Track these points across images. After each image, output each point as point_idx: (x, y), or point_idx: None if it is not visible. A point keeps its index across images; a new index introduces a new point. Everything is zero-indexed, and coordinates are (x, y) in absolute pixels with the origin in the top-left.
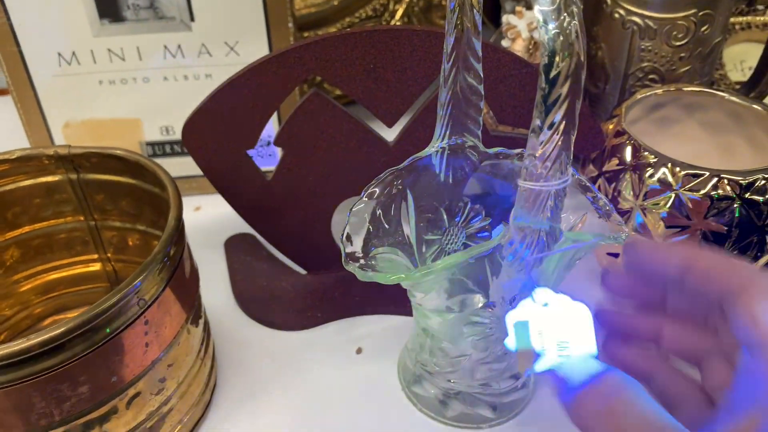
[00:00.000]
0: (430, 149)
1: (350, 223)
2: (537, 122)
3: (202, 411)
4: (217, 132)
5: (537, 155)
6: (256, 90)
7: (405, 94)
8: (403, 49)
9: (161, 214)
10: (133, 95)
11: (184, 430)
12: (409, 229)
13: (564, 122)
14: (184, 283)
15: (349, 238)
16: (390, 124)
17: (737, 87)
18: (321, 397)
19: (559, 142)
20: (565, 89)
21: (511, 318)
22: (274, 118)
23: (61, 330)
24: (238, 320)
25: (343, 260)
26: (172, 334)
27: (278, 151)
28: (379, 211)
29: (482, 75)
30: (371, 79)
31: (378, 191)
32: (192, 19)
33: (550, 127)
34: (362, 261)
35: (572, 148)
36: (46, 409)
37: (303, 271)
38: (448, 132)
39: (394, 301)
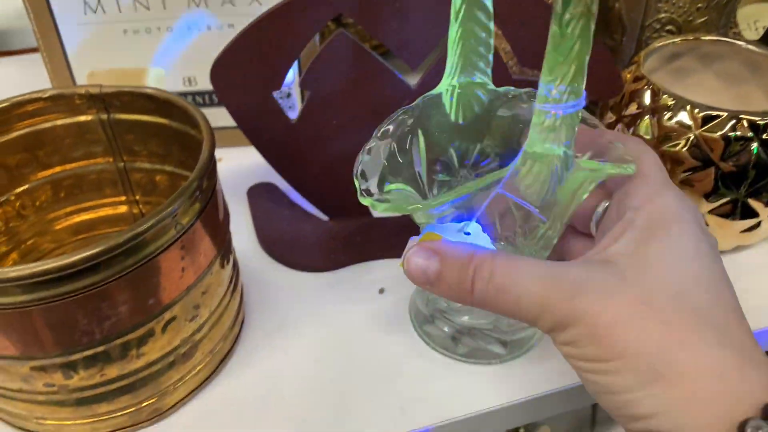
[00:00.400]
0: (440, 87)
1: (363, 161)
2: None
3: (231, 344)
4: (244, 72)
5: (551, 77)
6: (284, 30)
7: (429, 36)
8: None
9: (190, 153)
10: (156, 45)
11: (214, 360)
12: (420, 168)
13: (579, 42)
14: (216, 216)
15: (363, 174)
16: (413, 66)
17: None
18: (344, 334)
19: (573, 65)
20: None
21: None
22: (293, 67)
23: (103, 247)
24: (264, 263)
25: (358, 195)
26: (207, 262)
27: (297, 103)
28: (393, 146)
29: (492, 12)
30: (396, 20)
31: (391, 129)
32: None
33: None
34: (377, 195)
35: (586, 70)
36: (89, 327)
37: (325, 218)
38: (458, 70)
39: None
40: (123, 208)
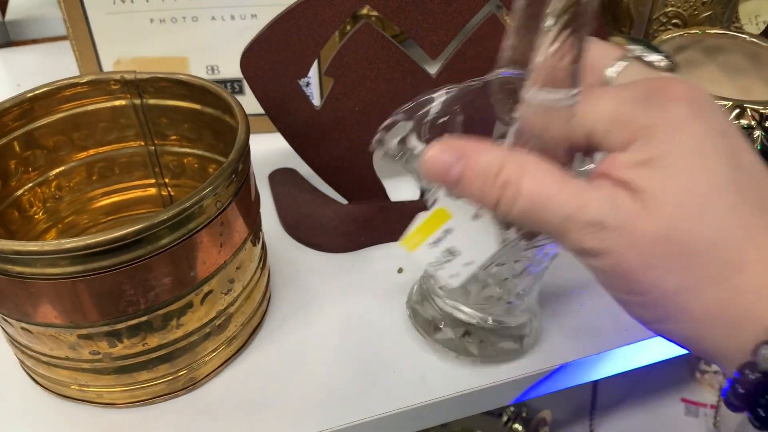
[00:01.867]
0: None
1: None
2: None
3: (260, 318)
4: (273, 60)
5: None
6: (312, 20)
7: (449, 26)
8: None
9: (220, 138)
10: (181, 34)
11: (245, 332)
12: None
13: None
14: (249, 197)
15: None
16: (434, 56)
17: None
18: (365, 310)
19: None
20: None
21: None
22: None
23: (152, 222)
24: (287, 244)
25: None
26: (240, 239)
27: (315, 91)
28: (429, 120)
29: None
30: (419, 10)
31: (434, 107)
32: None
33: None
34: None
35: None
36: (134, 297)
37: (345, 201)
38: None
39: None
40: (152, 191)
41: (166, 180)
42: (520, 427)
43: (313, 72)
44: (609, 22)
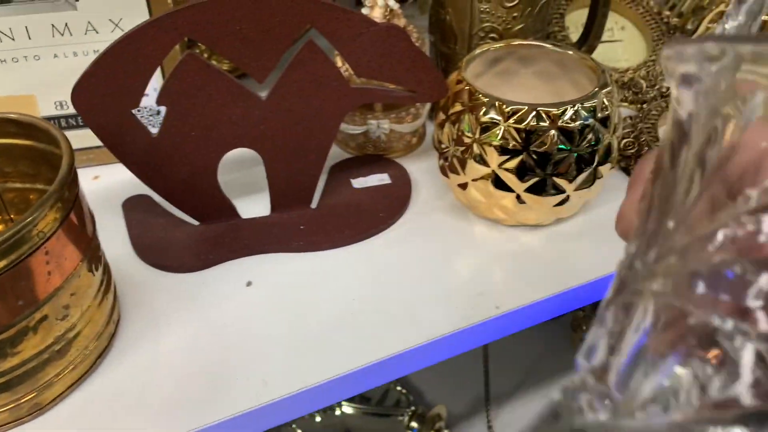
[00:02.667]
0: None
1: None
2: None
3: (108, 341)
4: (103, 94)
5: None
6: (136, 54)
7: (270, 53)
8: (264, 12)
9: (57, 171)
10: (26, 72)
11: (91, 356)
12: None
13: None
14: (79, 224)
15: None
16: (260, 81)
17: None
18: (215, 324)
19: None
20: None
21: None
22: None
23: None
24: (139, 267)
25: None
26: (73, 266)
27: None
28: None
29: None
30: (239, 39)
31: None
32: None
33: None
34: None
35: None
36: None
37: (196, 222)
38: None
39: (278, 240)
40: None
41: (12, 216)
42: (416, 425)
43: None
44: (438, 39)
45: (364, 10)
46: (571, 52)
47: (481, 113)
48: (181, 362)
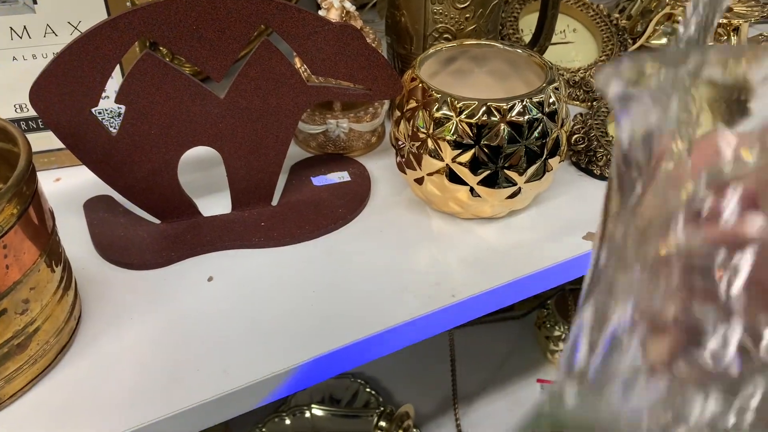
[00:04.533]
0: None
1: None
2: None
3: (69, 336)
4: (61, 93)
5: None
6: (93, 53)
7: (226, 52)
8: (220, 12)
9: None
10: None
11: (51, 351)
12: None
13: None
14: (37, 220)
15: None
16: (218, 79)
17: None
18: (178, 319)
19: None
20: None
21: None
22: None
23: None
24: (101, 265)
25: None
26: (32, 260)
27: None
28: None
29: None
30: (195, 39)
31: None
32: (35, 1)
33: None
34: None
35: None
36: None
37: (158, 221)
38: None
39: (239, 236)
40: None
41: None
42: (384, 424)
43: None
44: (394, 41)
45: (321, 12)
46: (521, 51)
47: (434, 109)
48: (142, 356)
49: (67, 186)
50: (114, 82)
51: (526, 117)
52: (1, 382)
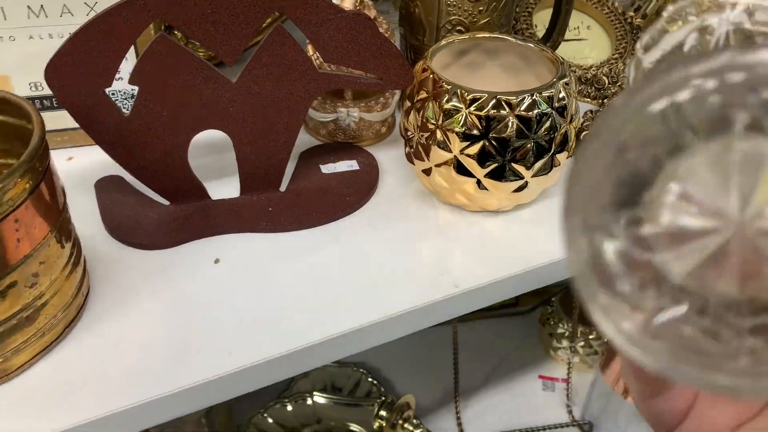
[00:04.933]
0: None
1: None
2: None
3: (76, 311)
4: (76, 72)
5: None
6: (108, 33)
7: (240, 36)
8: None
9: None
10: (1, 53)
11: (59, 325)
12: None
13: None
14: (49, 196)
15: None
16: (231, 63)
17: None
18: (185, 300)
19: None
20: None
21: None
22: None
23: None
24: (110, 244)
25: None
26: (42, 235)
27: None
28: None
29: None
30: (209, 22)
31: None
32: None
33: None
34: None
35: None
36: None
37: (167, 202)
38: None
39: (247, 220)
40: None
41: None
42: (385, 413)
43: None
44: (407, 31)
45: (335, 0)
46: (533, 46)
47: (444, 100)
48: (148, 334)
49: (80, 165)
50: (128, 64)
51: (535, 111)
52: (9, 353)
